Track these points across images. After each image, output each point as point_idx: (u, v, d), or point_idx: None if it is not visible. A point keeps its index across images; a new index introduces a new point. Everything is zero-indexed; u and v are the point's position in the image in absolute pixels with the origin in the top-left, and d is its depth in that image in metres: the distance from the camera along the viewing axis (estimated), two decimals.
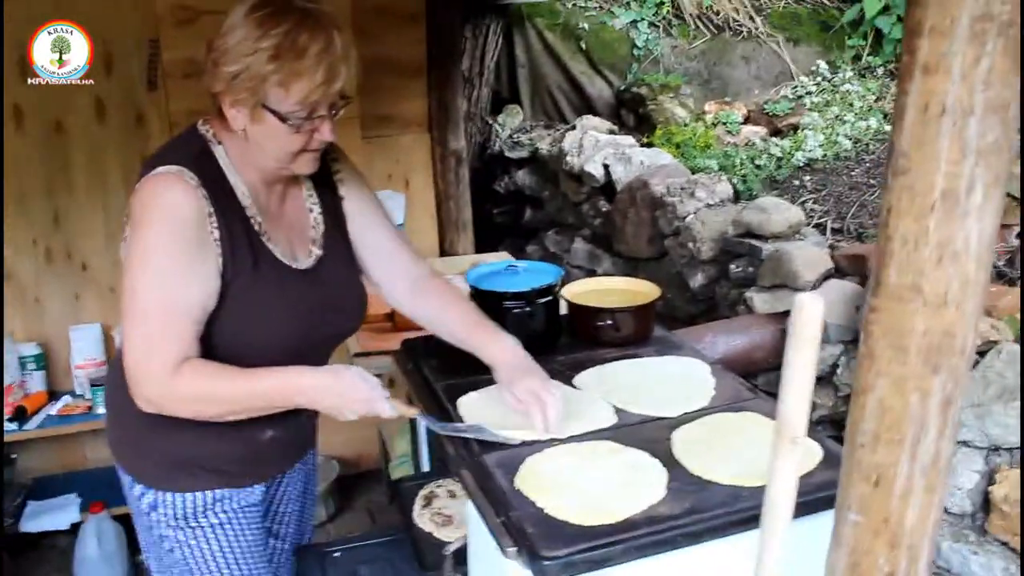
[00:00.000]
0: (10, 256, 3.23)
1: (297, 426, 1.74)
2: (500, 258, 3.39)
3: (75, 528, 3.03)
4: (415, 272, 1.80)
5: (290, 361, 1.50)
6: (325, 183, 1.70)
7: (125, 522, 2.56)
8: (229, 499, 1.66)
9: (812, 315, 0.87)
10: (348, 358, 2.39)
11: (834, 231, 2.97)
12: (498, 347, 1.66)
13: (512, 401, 1.58)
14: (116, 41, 3.11)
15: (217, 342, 1.49)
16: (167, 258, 1.41)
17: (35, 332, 3.33)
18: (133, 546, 2.38)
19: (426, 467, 2.41)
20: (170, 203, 1.42)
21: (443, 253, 3.86)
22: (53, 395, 3.32)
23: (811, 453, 1.44)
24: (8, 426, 3.07)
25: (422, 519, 1.95)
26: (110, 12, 3.06)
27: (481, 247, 3.92)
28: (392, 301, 1.84)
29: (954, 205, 0.86)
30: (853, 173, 3.36)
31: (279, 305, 1.55)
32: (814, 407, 2.07)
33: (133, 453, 1.67)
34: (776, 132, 3.83)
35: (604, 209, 3.56)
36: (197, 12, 3.08)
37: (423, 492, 2.05)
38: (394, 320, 2.71)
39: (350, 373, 1.49)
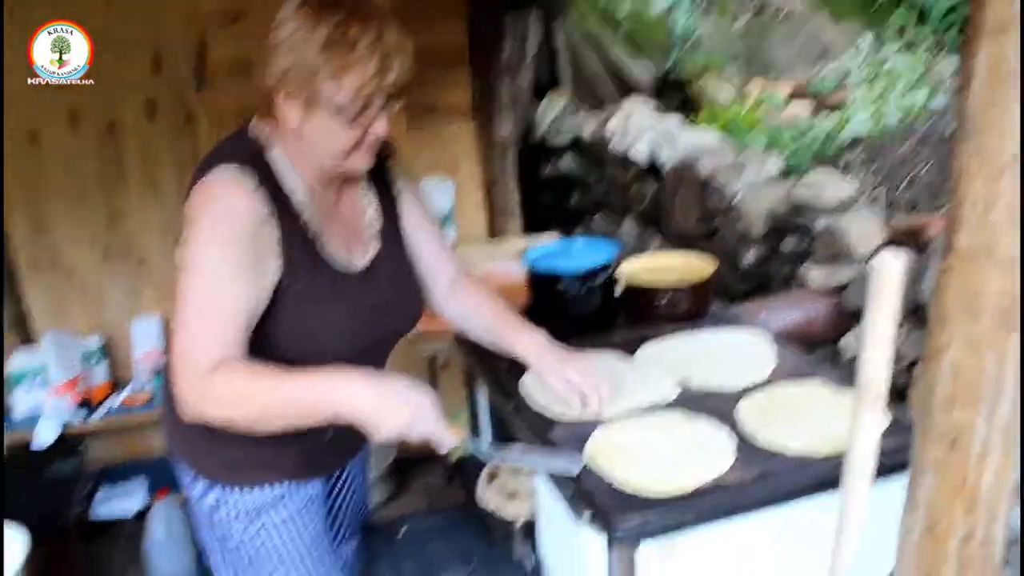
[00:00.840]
0: (70, 252, 3.31)
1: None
2: (550, 240, 3.40)
3: (142, 515, 3.11)
4: (453, 273, 1.79)
5: (352, 361, 1.45)
6: (381, 179, 1.68)
7: None
8: (292, 495, 1.64)
9: (892, 273, 0.88)
10: (405, 341, 2.42)
11: (887, 205, 2.96)
12: (528, 340, 1.67)
13: (557, 390, 1.62)
14: (165, 42, 3.17)
15: (278, 344, 1.46)
16: (219, 262, 1.37)
17: (97, 326, 3.42)
18: None
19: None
20: (226, 207, 1.39)
21: (493, 237, 3.90)
22: (116, 386, 3.40)
23: None
24: (74, 418, 3.17)
25: (488, 496, 1.98)
26: (158, 14, 3.12)
27: (529, 231, 3.94)
28: (430, 302, 1.81)
29: None
30: (902, 148, 3.33)
31: (336, 308, 1.52)
32: None
33: (194, 450, 1.65)
34: (822, 108, 3.80)
35: (652, 190, 3.57)
36: (243, 12, 3.13)
37: (487, 470, 2.09)
38: None
39: (397, 386, 1.38)
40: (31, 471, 3.19)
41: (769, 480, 1.33)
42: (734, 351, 1.83)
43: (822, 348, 2.38)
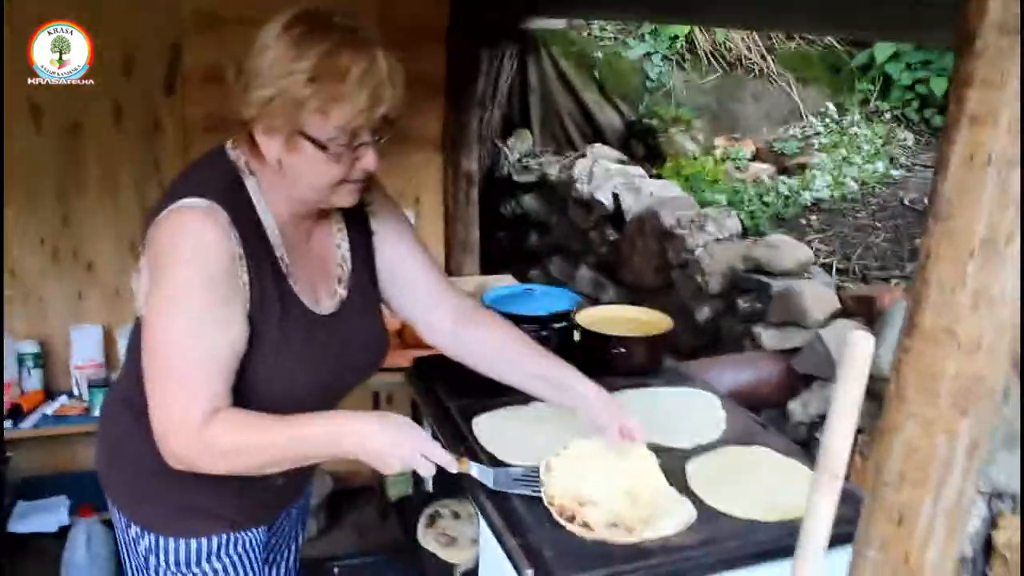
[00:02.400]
0: (16, 253, 3.22)
1: (307, 470, 1.63)
2: (505, 282, 3.40)
3: (64, 531, 3.00)
4: (461, 305, 1.67)
5: (311, 403, 1.39)
6: (355, 217, 1.56)
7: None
8: (234, 543, 1.55)
9: (863, 353, 0.89)
10: None
11: (839, 271, 3.00)
12: (586, 385, 1.56)
13: (612, 437, 1.51)
14: (138, 44, 3.12)
15: (249, 386, 1.38)
16: (198, 302, 1.28)
17: (35, 330, 3.31)
18: None
19: (429, 486, 2.41)
20: (200, 243, 1.29)
21: (449, 274, 3.87)
22: (50, 394, 3.29)
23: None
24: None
25: (426, 539, 1.95)
26: (134, 15, 3.08)
27: (486, 269, 3.92)
28: (431, 337, 1.69)
29: (993, 253, 0.88)
30: (859, 215, 3.40)
31: (304, 353, 1.43)
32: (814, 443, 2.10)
33: (132, 495, 1.55)
34: (784, 170, 3.87)
35: (612, 238, 3.59)
36: (221, 18, 3.10)
37: (427, 511, 2.05)
38: (402, 336, 2.71)
39: (397, 420, 1.38)
40: None
41: (716, 545, 1.32)
42: (686, 409, 1.83)
43: (769, 411, 2.39)
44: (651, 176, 3.77)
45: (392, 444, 1.33)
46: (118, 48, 3.10)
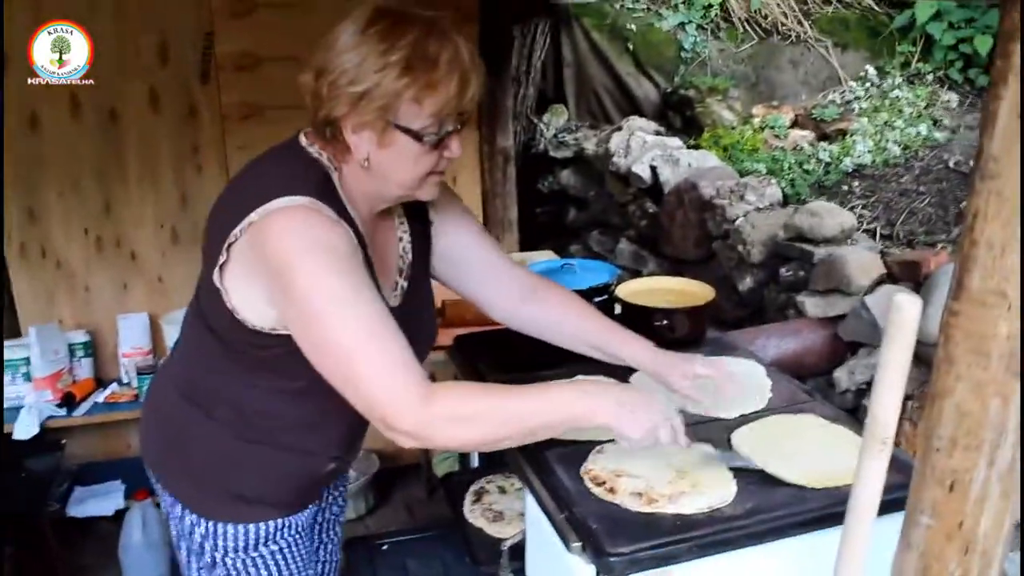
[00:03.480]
0: (61, 243, 3.28)
1: (351, 455, 1.69)
2: (544, 257, 3.39)
3: (120, 514, 3.07)
4: (528, 282, 1.72)
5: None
6: (414, 207, 1.57)
7: None
8: (287, 527, 1.58)
9: (910, 316, 0.87)
10: None
11: (883, 237, 2.95)
12: (639, 345, 1.65)
13: (682, 387, 1.61)
14: (173, 33, 3.15)
15: (291, 375, 1.39)
16: (348, 286, 1.26)
17: (84, 319, 3.38)
18: None
19: (475, 463, 2.43)
20: (319, 236, 1.27)
21: None
22: (100, 382, 3.36)
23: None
24: (57, 412, 3.13)
25: (473, 515, 1.96)
26: (169, 5, 3.11)
27: (525, 246, 3.92)
28: (497, 314, 1.73)
29: None
30: (902, 180, 3.33)
31: None
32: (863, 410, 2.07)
33: (187, 484, 1.57)
34: (824, 137, 3.80)
35: (651, 210, 3.56)
36: (253, 5, 3.12)
37: (473, 488, 2.07)
38: (444, 314, 2.72)
39: (634, 389, 1.45)
40: (9, 464, 3.14)
41: (764, 514, 1.31)
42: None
43: (814, 379, 2.36)
44: (689, 147, 3.73)
45: (619, 420, 1.32)
46: (155, 35, 3.13)
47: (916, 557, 1.00)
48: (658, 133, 3.88)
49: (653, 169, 3.51)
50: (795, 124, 3.99)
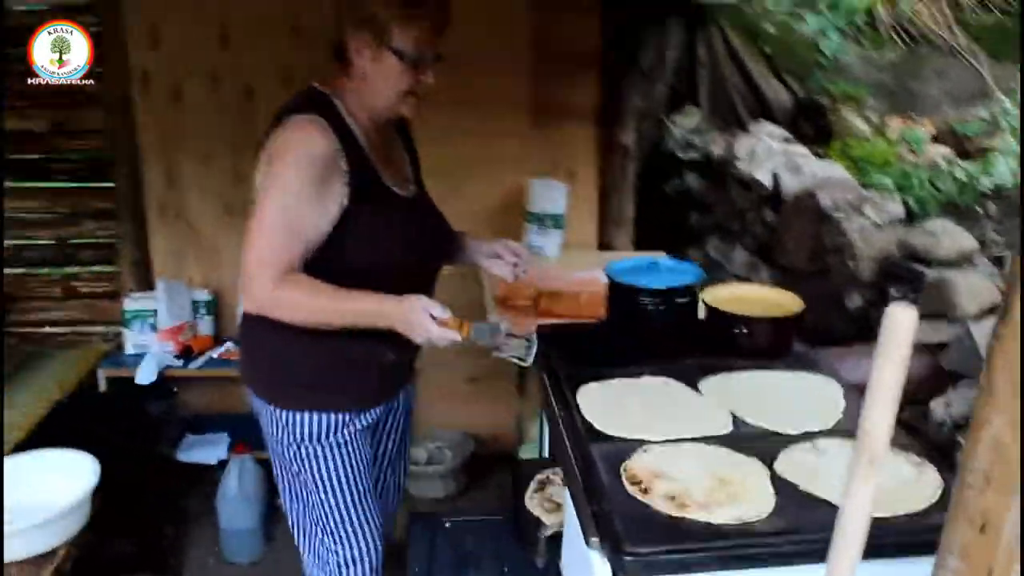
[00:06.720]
0: (195, 206, 3.49)
1: (407, 350, 1.97)
2: (653, 255, 3.33)
3: (223, 464, 3.24)
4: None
5: (403, 280, 1.78)
6: (406, 138, 2.04)
7: (267, 467, 2.74)
8: (353, 422, 1.90)
9: (904, 329, 0.82)
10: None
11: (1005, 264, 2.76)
12: (463, 241, 2.11)
13: (485, 262, 2.09)
14: (305, 9, 3.27)
15: (351, 257, 1.75)
16: (296, 186, 1.67)
17: (210, 280, 3.59)
18: (273, 491, 2.52)
19: (547, 454, 2.44)
20: (307, 141, 1.69)
21: (601, 247, 3.83)
22: (218, 339, 3.57)
23: (929, 486, 1.35)
24: (175, 362, 3.35)
25: (532, 503, 1.97)
26: None
27: (642, 246, 3.85)
28: None
29: None
30: None
31: (393, 226, 1.82)
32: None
33: (268, 379, 1.91)
34: (964, 154, 3.58)
35: (769, 219, 3.44)
36: None
37: (539, 477, 2.08)
38: (538, 305, 2.73)
39: (410, 302, 1.72)
40: (130, 405, 3.38)
41: (798, 535, 1.25)
42: (801, 395, 1.75)
43: (910, 407, 2.24)
44: (818, 156, 3.58)
45: (406, 322, 1.71)
46: (288, 15, 3.27)
47: None
48: (786, 140, 3.75)
49: (775, 176, 3.40)
50: (935, 139, 3.77)
